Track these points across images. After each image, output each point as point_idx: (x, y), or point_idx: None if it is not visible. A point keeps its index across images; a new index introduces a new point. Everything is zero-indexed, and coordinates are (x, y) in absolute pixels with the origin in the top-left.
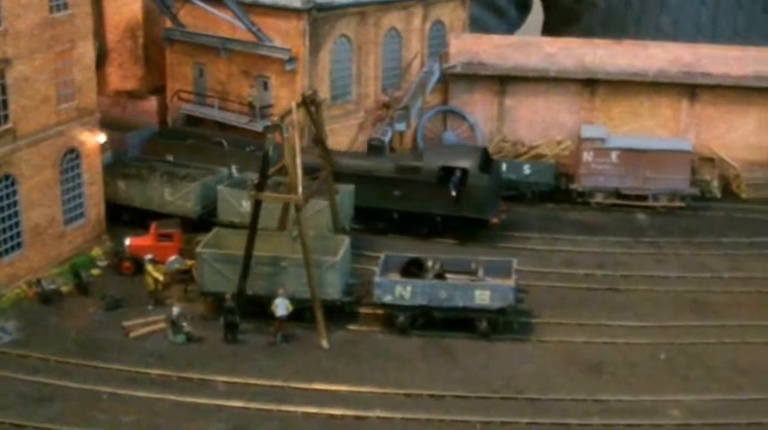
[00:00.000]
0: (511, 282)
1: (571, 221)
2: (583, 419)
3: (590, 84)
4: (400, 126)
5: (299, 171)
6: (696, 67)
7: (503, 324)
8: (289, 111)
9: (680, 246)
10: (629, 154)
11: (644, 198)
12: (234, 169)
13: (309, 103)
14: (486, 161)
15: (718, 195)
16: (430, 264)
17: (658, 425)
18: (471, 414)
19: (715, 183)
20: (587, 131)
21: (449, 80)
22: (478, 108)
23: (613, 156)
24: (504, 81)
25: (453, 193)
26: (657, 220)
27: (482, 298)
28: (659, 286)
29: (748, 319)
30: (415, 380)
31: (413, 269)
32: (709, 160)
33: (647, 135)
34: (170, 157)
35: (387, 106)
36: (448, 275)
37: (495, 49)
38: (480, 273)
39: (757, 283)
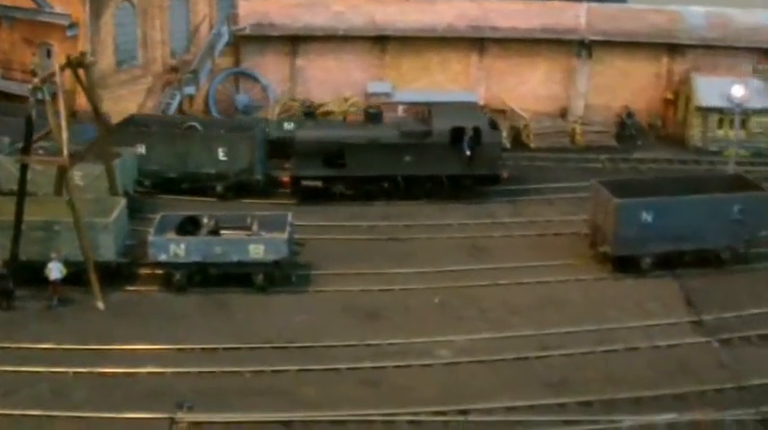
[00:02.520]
0: (284, 236)
1: None
2: (353, 364)
3: (380, 41)
4: (189, 90)
5: (65, 134)
6: (484, 22)
7: (280, 277)
8: (52, 74)
9: (464, 195)
10: (414, 108)
11: None
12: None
13: (77, 65)
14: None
15: (508, 146)
16: (205, 221)
17: (427, 365)
18: (242, 365)
19: (504, 134)
20: (373, 87)
21: (240, 42)
22: (270, 69)
23: (400, 110)
24: (295, 41)
25: (468, 153)
26: None
27: (256, 252)
28: (441, 234)
29: (523, 261)
30: (189, 335)
31: (188, 227)
32: (501, 112)
33: (438, 90)
34: None
35: (175, 70)
36: (223, 232)
37: (285, 10)
38: (255, 227)
39: (536, 227)
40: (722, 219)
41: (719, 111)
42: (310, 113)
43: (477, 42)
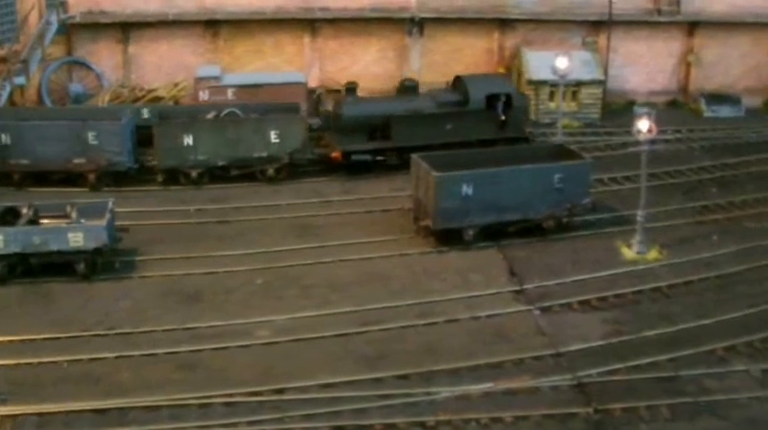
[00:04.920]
0: (103, 223)
1: None
2: (171, 348)
3: (212, 25)
4: (19, 80)
5: None
6: (314, 3)
7: (102, 264)
8: None
9: (296, 175)
10: (244, 90)
11: None
12: None
13: None
14: None
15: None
16: (24, 211)
17: (245, 346)
18: (60, 354)
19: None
20: (202, 71)
21: (71, 31)
22: (104, 57)
23: (229, 93)
24: (127, 28)
25: (503, 118)
26: None
27: (75, 240)
28: (269, 214)
29: (349, 239)
30: (8, 327)
31: (8, 217)
32: (336, 92)
33: (273, 72)
34: None
35: (3, 61)
36: (43, 221)
37: None
38: (74, 215)
39: (364, 204)
40: (543, 188)
41: (550, 83)
42: (352, 89)
43: (309, 23)
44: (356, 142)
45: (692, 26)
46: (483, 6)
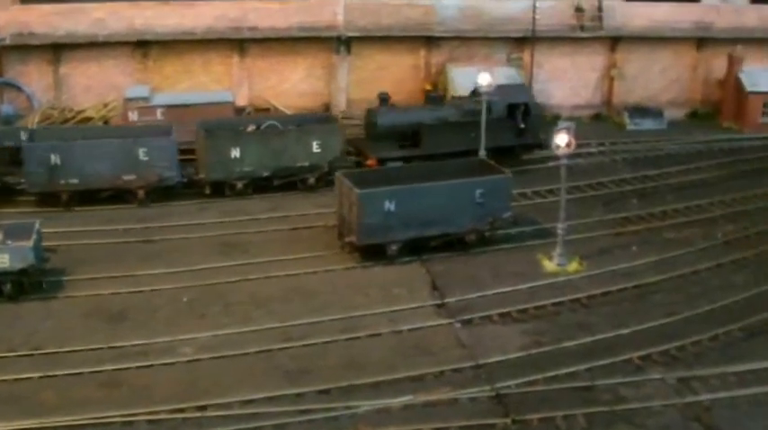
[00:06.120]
0: (29, 244)
1: None
2: (96, 367)
3: (142, 45)
4: None
5: None
6: (243, 22)
7: (30, 284)
8: None
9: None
10: (173, 109)
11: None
12: None
13: None
14: None
15: None
16: None
17: (169, 364)
18: None
19: None
20: (131, 92)
21: (1, 52)
22: (34, 78)
23: (158, 113)
24: (57, 49)
25: (522, 125)
26: None
27: (2, 261)
28: (195, 233)
29: (274, 256)
30: None
31: None
32: (265, 110)
33: (202, 91)
34: None
35: None
36: None
37: (45, 18)
38: (1, 236)
39: (290, 221)
40: (465, 203)
41: None
42: (385, 99)
43: (238, 43)
44: (389, 150)
45: (615, 41)
46: (409, 24)
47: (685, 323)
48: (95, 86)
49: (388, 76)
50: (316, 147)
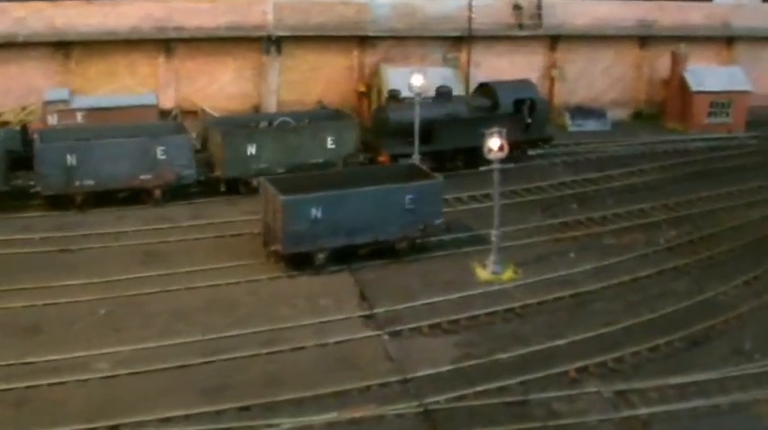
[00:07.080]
0: None
1: None
2: (6, 384)
3: (63, 46)
4: None
5: None
6: (169, 22)
7: None
8: None
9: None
10: (94, 113)
11: None
12: None
13: None
14: None
15: (199, 146)
16: None
17: (83, 380)
18: None
19: (193, 135)
20: (50, 95)
21: None
22: None
23: (79, 116)
24: None
25: (529, 121)
26: None
27: None
28: (115, 242)
29: (197, 265)
30: None
31: None
32: (193, 113)
33: (128, 93)
34: None
35: None
36: None
37: None
38: None
39: (214, 229)
40: (394, 209)
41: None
42: (395, 96)
43: (164, 43)
44: (401, 146)
45: (554, 40)
46: (341, 23)
47: (624, 333)
48: (15, 89)
49: (321, 77)
50: (330, 143)
